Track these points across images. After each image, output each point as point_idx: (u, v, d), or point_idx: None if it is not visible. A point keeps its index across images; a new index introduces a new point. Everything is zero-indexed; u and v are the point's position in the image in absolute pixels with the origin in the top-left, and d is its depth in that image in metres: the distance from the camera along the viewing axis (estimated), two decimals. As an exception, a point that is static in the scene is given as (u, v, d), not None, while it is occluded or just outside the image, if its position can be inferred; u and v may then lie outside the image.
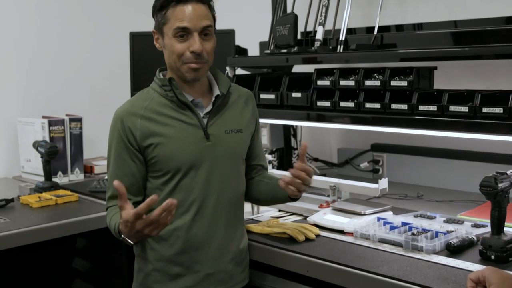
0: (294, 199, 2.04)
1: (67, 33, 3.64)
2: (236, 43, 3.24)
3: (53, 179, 3.11)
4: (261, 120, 2.99)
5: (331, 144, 3.37)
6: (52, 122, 3.24)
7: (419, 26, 2.77)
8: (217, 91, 2.02)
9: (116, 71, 3.70)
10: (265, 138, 3.16)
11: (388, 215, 2.27)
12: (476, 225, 2.16)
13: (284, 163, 3.18)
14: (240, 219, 2.08)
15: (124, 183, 1.89)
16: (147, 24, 2.22)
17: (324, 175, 3.02)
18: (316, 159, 3.29)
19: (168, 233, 1.95)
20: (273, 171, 2.57)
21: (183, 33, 1.89)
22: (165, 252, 1.96)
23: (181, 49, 1.90)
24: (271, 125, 3.12)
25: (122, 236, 1.81)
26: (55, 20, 3.60)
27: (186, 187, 1.94)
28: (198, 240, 1.96)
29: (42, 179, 3.03)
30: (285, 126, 3.18)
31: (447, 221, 2.21)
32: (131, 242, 1.82)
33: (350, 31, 2.94)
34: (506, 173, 1.85)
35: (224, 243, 2.00)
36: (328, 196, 2.45)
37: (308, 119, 2.63)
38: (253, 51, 3.28)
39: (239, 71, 3.05)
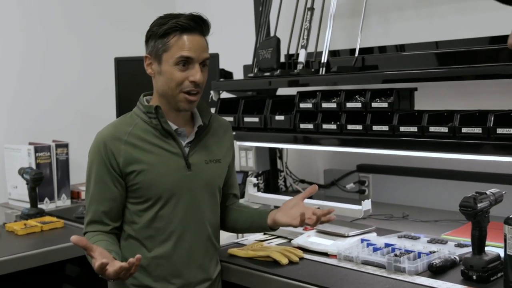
0: (274, 229, 2.07)
1: (52, 58, 3.66)
2: (221, 66, 3.26)
3: (40, 206, 3.11)
4: (246, 143, 3.03)
5: (318, 166, 3.37)
6: (38, 149, 3.24)
7: (401, 47, 2.80)
8: (199, 121, 2.03)
9: (102, 96, 3.72)
10: (251, 161, 3.17)
11: (372, 237, 2.27)
12: (460, 245, 2.15)
13: (270, 186, 3.19)
14: (216, 248, 2.10)
15: (104, 207, 1.91)
16: (134, 49, 2.23)
17: (311, 197, 3.02)
18: (302, 181, 3.30)
19: (147, 260, 1.94)
20: (257, 194, 2.57)
21: (185, 62, 1.90)
22: (143, 279, 1.96)
23: (181, 78, 1.91)
24: (257, 147, 3.13)
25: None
26: (42, 44, 3.63)
27: (167, 216, 1.94)
28: (177, 268, 1.96)
29: (28, 205, 3.02)
30: (270, 148, 3.19)
31: (431, 241, 2.21)
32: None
33: (334, 53, 2.98)
34: (485, 193, 1.86)
35: (202, 269, 2.01)
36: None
37: (292, 141, 2.65)
38: (238, 74, 3.30)
39: (225, 94, 3.07)
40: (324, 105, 2.50)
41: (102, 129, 1.98)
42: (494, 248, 1.99)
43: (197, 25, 1.92)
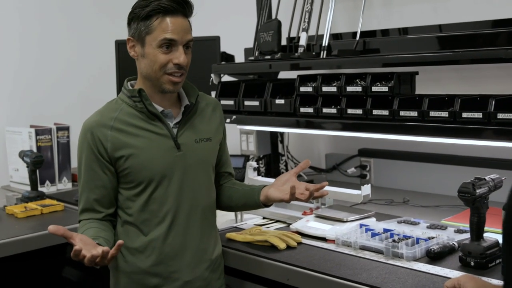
0: (267, 205, 2.07)
1: (50, 40, 3.66)
2: (223, 49, 3.24)
3: (41, 188, 3.12)
4: (245, 127, 3.01)
5: (319, 150, 3.36)
6: (39, 131, 3.23)
7: (404, 30, 2.76)
8: (186, 101, 2.02)
9: (102, 78, 3.71)
10: (252, 145, 3.15)
11: (371, 222, 2.26)
12: (459, 231, 2.14)
13: (271, 170, 3.17)
14: (213, 226, 2.08)
15: (95, 195, 1.92)
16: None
17: (312, 181, 3.01)
18: (304, 165, 3.27)
19: (143, 245, 1.94)
20: (257, 179, 2.56)
21: (168, 45, 1.89)
22: (142, 264, 1.95)
23: (164, 60, 1.89)
24: (258, 131, 3.11)
25: None
26: (38, 26, 3.62)
27: (160, 197, 1.93)
28: (174, 250, 1.95)
29: (29, 188, 3.02)
30: (272, 132, 3.17)
31: (430, 226, 2.20)
32: (97, 266, 1.82)
33: (336, 36, 2.94)
34: (485, 179, 1.84)
35: (199, 250, 2.00)
36: (312, 203, 2.44)
37: (292, 125, 2.63)
38: (240, 57, 3.27)
39: (226, 77, 3.05)
40: (325, 89, 2.48)
41: (88, 117, 1.98)
42: (493, 234, 1.98)
43: (180, 6, 1.90)
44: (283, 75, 3.10)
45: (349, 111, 2.38)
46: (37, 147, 3.21)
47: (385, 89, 2.29)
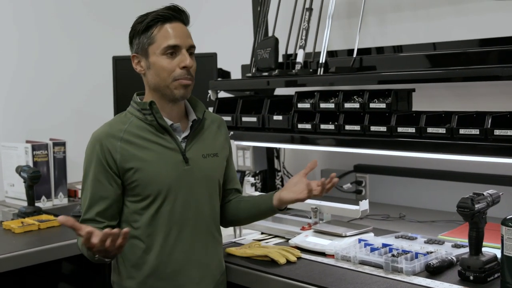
0: (281, 208, 2.06)
1: (47, 56, 3.67)
2: (219, 65, 3.26)
3: (37, 204, 3.11)
4: (243, 143, 3.03)
5: (315, 165, 3.37)
6: (36, 147, 3.24)
7: (399, 48, 2.80)
8: (193, 116, 2.03)
9: (99, 94, 3.74)
10: (248, 160, 3.17)
11: (369, 237, 2.28)
12: (457, 246, 2.17)
13: (267, 185, 3.19)
14: (218, 242, 2.09)
15: (100, 207, 1.91)
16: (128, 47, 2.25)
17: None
18: (300, 181, 3.29)
19: (148, 259, 1.94)
20: (255, 194, 2.58)
21: (173, 51, 1.91)
22: (146, 279, 1.95)
23: (171, 67, 1.91)
24: (254, 147, 3.13)
25: (97, 256, 1.80)
26: (35, 41, 3.64)
27: (167, 212, 1.94)
28: (179, 264, 1.96)
29: (25, 203, 3.02)
30: (268, 148, 3.19)
31: (428, 241, 2.22)
32: (107, 260, 1.84)
33: (332, 53, 2.98)
34: (483, 194, 1.87)
35: (204, 265, 2.01)
36: (310, 218, 2.46)
37: (290, 141, 2.65)
38: (236, 74, 3.30)
39: (223, 94, 3.07)
40: (322, 105, 2.51)
41: (97, 129, 1.99)
42: (490, 249, 2.01)
43: (177, 13, 1.94)
44: (280, 91, 3.13)
45: (347, 127, 2.41)
46: (34, 162, 3.21)
47: (383, 105, 2.32)
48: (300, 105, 2.58)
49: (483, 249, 1.90)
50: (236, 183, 2.20)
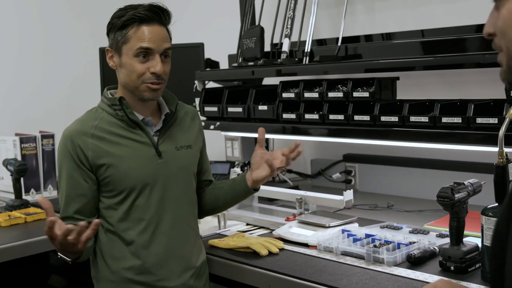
0: (257, 188, 2.06)
1: (29, 48, 3.66)
2: (208, 56, 3.24)
3: (26, 197, 3.09)
4: (230, 133, 3.01)
5: (305, 155, 3.35)
6: (24, 140, 3.22)
7: (387, 35, 2.77)
8: (166, 109, 2.02)
9: (87, 86, 3.73)
10: (237, 151, 3.15)
11: (353, 227, 2.26)
12: (441, 235, 2.14)
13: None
14: (196, 233, 2.08)
15: (77, 204, 1.90)
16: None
17: (297, 186, 3.01)
18: (290, 171, 3.27)
19: (127, 253, 1.93)
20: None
21: (145, 54, 1.89)
22: (126, 273, 1.93)
23: (141, 70, 1.89)
24: (243, 138, 3.11)
25: (59, 254, 1.80)
26: (17, 32, 3.62)
27: (142, 205, 1.92)
28: (158, 258, 1.94)
29: (14, 197, 3.01)
30: (256, 138, 3.16)
31: (413, 231, 2.20)
32: (69, 259, 1.84)
33: (320, 42, 2.95)
34: (463, 183, 1.84)
35: (184, 258, 1.99)
36: (296, 208, 2.44)
37: (275, 131, 2.63)
38: (225, 63, 3.27)
39: (211, 84, 3.05)
40: (307, 94, 2.48)
41: (68, 125, 1.97)
42: (473, 238, 1.99)
43: (156, 15, 1.89)
44: (268, 81, 3.10)
45: (331, 116, 2.39)
46: (22, 155, 3.20)
47: (366, 94, 2.29)
48: (284, 95, 2.56)
49: (466, 238, 1.88)
50: (209, 175, 2.19)
